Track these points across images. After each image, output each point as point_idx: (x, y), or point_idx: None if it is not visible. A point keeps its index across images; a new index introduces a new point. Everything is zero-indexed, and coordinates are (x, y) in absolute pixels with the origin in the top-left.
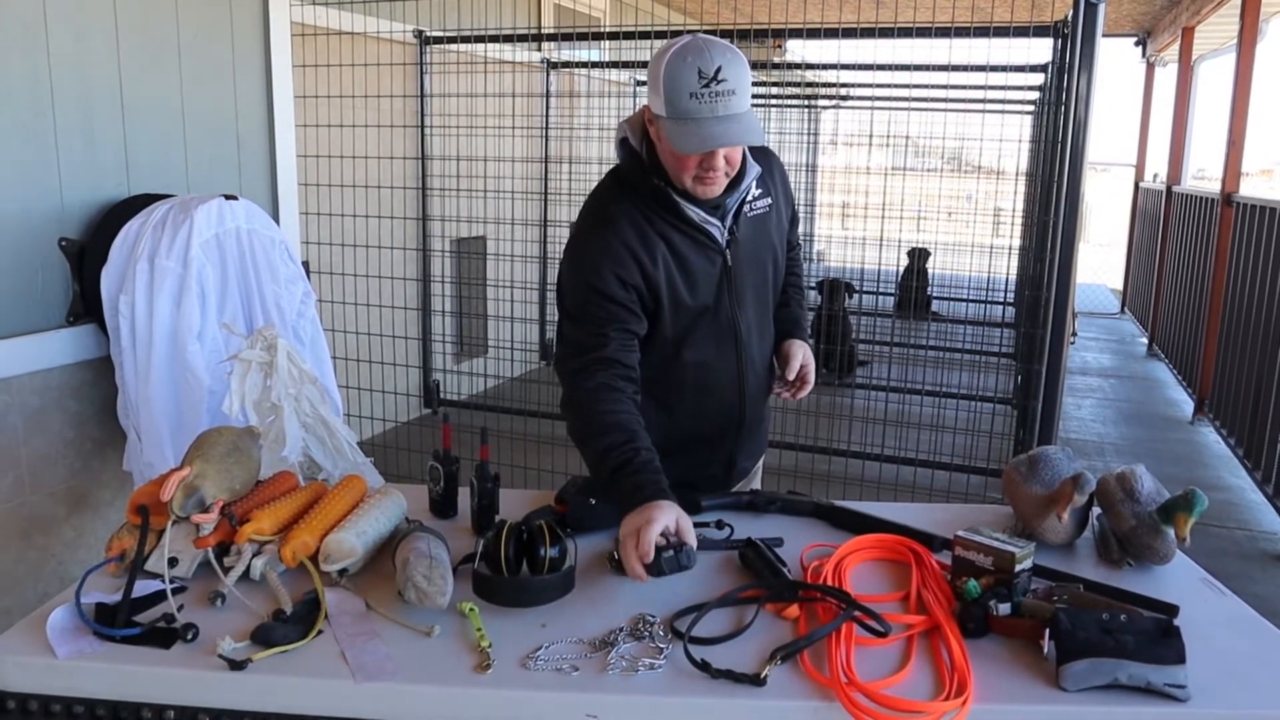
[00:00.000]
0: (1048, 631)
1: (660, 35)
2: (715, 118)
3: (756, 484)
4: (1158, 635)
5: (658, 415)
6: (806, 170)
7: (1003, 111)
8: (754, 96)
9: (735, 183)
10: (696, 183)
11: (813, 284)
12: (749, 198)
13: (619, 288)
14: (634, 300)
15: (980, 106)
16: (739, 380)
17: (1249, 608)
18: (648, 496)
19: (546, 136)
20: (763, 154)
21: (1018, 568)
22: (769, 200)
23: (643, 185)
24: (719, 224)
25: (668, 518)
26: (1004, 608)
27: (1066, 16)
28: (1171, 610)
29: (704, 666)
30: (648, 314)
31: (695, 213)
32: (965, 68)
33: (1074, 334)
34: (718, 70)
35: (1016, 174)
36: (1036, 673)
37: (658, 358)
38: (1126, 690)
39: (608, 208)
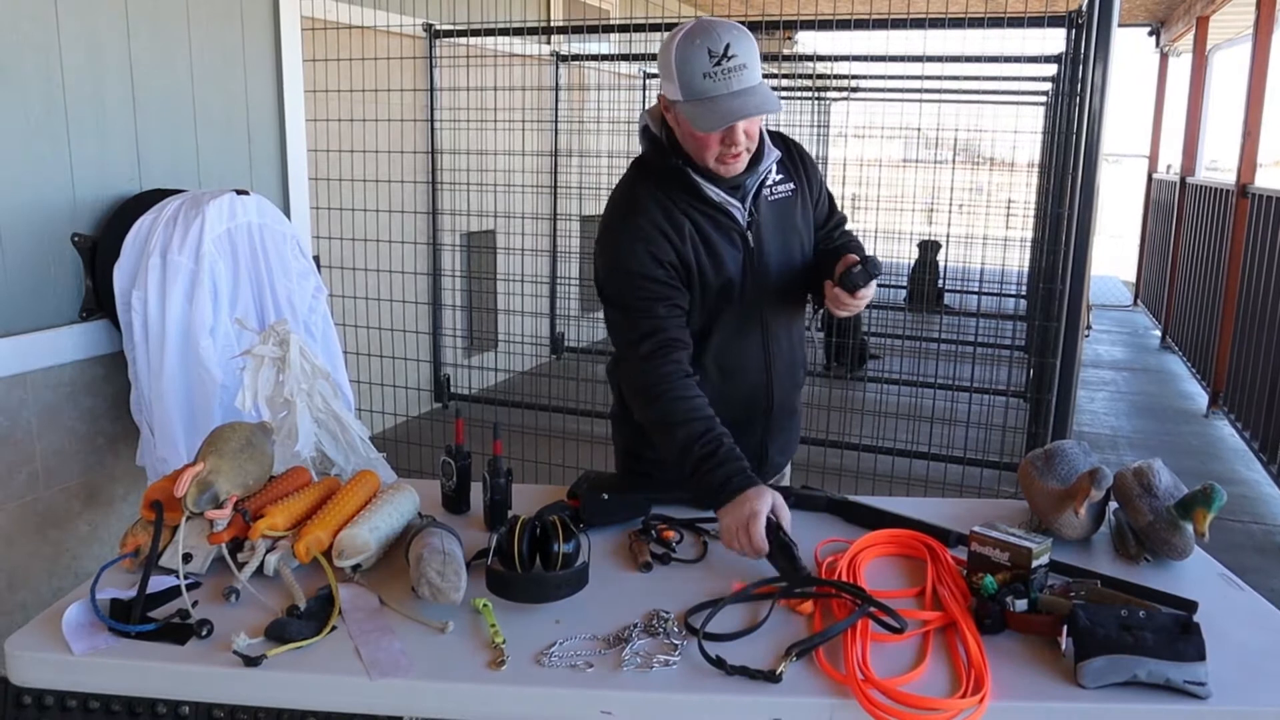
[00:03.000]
0: (1065, 628)
1: (670, 27)
2: (731, 93)
3: (786, 482)
4: (1177, 632)
5: None
6: (817, 163)
7: (1015, 103)
8: None
9: (754, 163)
10: (719, 162)
11: None
12: (769, 180)
13: (656, 266)
14: (673, 276)
15: (992, 98)
16: (765, 365)
17: (1268, 603)
18: (740, 486)
19: (556, 130)
20: (782, 140)
21: (1035, 563)
22: (792, 185)
23: (664, 169)
24: (739, 204)
25: (766, 506)
26: (1021, 604)
27: (1081, 6)
28: (1190, 606)
29: (719, 663)
30: (688, 288)
31: (715, 192)
32: (978, 59)
33: (1089, 326)
34: (726, 47)
35: (1028, 166)
36: (1054, 670)
37: None
38: (1146, 687)
39: (634, 193)
